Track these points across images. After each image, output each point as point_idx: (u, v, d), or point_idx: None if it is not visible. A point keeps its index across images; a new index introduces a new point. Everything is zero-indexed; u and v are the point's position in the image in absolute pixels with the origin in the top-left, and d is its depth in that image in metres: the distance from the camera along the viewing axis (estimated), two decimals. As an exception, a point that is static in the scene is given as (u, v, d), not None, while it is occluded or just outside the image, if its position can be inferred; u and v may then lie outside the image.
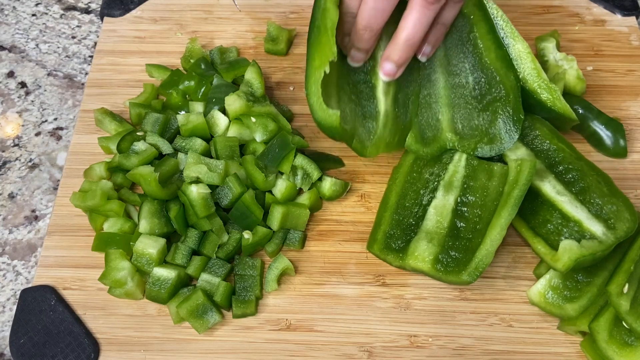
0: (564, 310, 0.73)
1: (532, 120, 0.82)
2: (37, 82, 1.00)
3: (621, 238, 0.72)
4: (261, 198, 0.82)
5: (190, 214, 0.79)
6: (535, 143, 0.82)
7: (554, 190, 0.78)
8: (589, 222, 0.74)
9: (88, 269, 0.81)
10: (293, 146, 0.81)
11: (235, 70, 0.90)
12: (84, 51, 1.03)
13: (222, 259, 0.79)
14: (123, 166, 0.82)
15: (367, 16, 0.74)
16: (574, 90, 0.87)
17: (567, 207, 0.76)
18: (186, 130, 0.83)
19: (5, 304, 0.83)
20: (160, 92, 0.93)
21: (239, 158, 0.83)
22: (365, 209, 0.85)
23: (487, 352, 0.75)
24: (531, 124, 0.82)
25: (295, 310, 0.78)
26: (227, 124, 0.85)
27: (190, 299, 0.75)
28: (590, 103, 0.88)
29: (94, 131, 0.91)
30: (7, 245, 0.87)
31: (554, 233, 0.76)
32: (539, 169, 0.79)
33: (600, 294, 0.73)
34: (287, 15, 1.02)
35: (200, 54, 0.95)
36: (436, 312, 0.78)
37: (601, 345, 0.70)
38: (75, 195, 0.81)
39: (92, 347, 0.76)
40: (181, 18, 1.02)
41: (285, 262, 0.79)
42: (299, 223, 0.81)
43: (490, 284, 0.79)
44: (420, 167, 0.83)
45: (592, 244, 0.71)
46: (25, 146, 0.94)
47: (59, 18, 1.07)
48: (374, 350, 0.76)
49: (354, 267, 0.81)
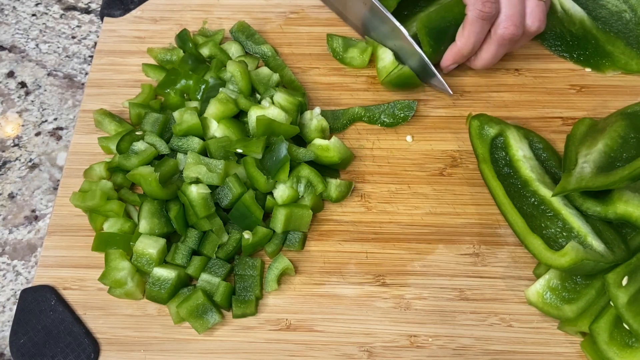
0: (562, 311, 0.73)
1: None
2: (37, 82, 1.00)
3: (619, 261, 0.72)
4: (261, 198, 0.82)
5: (190, 214, 0.79)
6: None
7: (562, 202, 0.78)
8: (593, 237, 0.74)
9: (88, 269, 0.81)
10: (288, 157, 0.79)
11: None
12: (84, 51, 1.03)
13: (222, 259, 0.79)
14: (123, 166, 0.82)
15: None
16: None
17: (574, 218, 0.76)
18: (180, 130, 0.83)
19: (5, 304, 0.83)
20: (158, 92, 0.93)
21: (234, 157, 0.83)
22: (366, 209, 0.85)
23: (487, 352, 0.75)
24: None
25: (295, 310, 0.78)
26: (217, 125, 0.84)
27: (190, 299, 0.75)
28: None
29: (94, 131, 0.91)
30: (7, 245, 0.87)
31: (551, 239, 0.76)
32: (547, 182, 0.80)
33: (599, 297, 0.73)
34: (287, 15, 1.02)
35: (219, 37, 0.95)
36: (436, 312, 0.78)
37: (601, 346, 0.70)
38: (75, 195, 0.81)
39: (92, 347, 0.76)
40: (181, 18, 1.02)
41: (285, 262, 0.79)
42: (301, 224, 0.81)
43: (490, 284, 0.79)
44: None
45: (595, 254, 0.72)
46: (25, 146, 0.94)
47: (59, 18, 1.07)
48: (374, 350, 0.76)
49: (354, 267, 0.81)
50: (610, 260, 0.71)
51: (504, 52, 0.88)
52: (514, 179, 0.82)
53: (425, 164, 0.88)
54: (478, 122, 0.85)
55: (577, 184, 0.75)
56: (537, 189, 0.80)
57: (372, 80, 0.95)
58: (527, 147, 0.83)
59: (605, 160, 0.77)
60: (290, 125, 0.82)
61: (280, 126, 0.81)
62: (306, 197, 0.82)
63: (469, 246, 0.82)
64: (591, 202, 0.76)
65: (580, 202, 0.77)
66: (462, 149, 0.88)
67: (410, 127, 0.90)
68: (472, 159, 0.88)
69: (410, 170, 0.87)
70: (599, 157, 0.77)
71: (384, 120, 0.89)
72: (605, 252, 0.72)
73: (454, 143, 0.89)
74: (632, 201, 0.72)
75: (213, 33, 0.98)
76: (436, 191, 0.85)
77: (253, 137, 0.83)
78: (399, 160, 0.88)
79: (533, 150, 0.84)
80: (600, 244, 0.73)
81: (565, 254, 0.70)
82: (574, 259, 0.69)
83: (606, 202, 0.75)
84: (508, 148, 0.83)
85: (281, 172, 0.79)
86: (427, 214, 0.84)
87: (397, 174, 0.87)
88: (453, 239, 0.82)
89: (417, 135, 0.89)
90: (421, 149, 0.89)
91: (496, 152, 0.84)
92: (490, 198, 0.83)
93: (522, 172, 0.81)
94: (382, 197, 0.85)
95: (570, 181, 0.76)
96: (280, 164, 0.79)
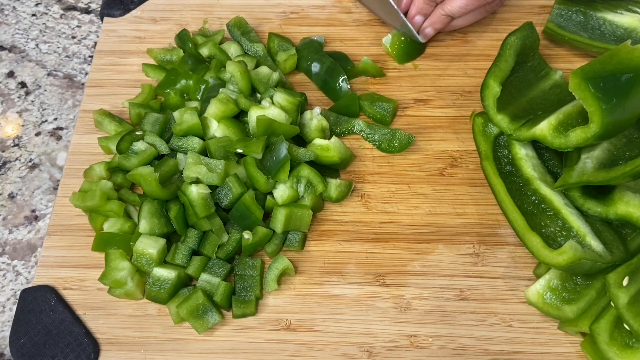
0: (562, 311, 0.73)
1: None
2: (37, 82, 1.00)
3: (617, 262, 0.72)
4: (261, 198, 0.82)
5: (190, 214, 0.79)
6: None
7: (562, 201, 0.78)
8: (591, 237, 0.74)
9: (88, 269, 0.81)
10: (288, 157, 0.79)
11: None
12: (84, 51, 1.03)
13: (222, 259, 0.79)
14: (123, 167, 0.82)
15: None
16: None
17: (574, 218, 0.76)
18: (180, 130, 0.83)
19: (5, 304, 0.83)
20: (158, 92, 0.93)
21: (234, 157, 0.83)
22: (366, 209, 0.85)
23: (487, 352, 0.75)
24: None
25: (295, 310, 0.78)
26: (217, 125, 0.84)
27: (190, 299, 0.75)
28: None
29: (94, 131, 0.91)
30: (7, 245, 0.87)
31: (550, 238, 0.76)
32: (549, 181, 0.81)
33: (599, 297, 0.73)
34: (287, 15, 1.02)
35: (219, 37, 0.95)
36: (436, 312, 0.78)
37: (602, 346, 0.69)
38: (75, 195, 0.81)
39: (92, 347, 0.76)
40: (181, 18, 1.02)
41: (285, 262, 0.79)
42: (302, 224, 0.81)
43: (490, 284, 0.79)
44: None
45: (593, 253, 0.72)
46: (25, 146, 0.94)
47: (59, 18, 1.07)
48: (374, 350, 0.76)
49: (354, 267, 0.81)
50: (608, 260, 0.71)
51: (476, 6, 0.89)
52: (515, 177, 0.82)
53: (425, 164, 0.88)
54: (482, 120, 0.85)
55: (578, 178, 0.75)
56: (538, 187, 0.80)
57: (372, 80, 0.94)
58: (530, 146, 0.83)
59: (608, 158, 0.77)
60: (290, 125, 0.82)
61: (280, 126, 0.81)
62: (306, 197, 0.82)
63: (469, 246, 0.82)
64: (592, 202, 0.76)
65: (581, 202, 0.77)
66: (462, 148, 0.88)
67: (410, 127, 0.90)
68: (472, 159, 0.88)
69: (410, 170, 0.87)
70: (601, 153, 0.77)
71: (380, 144, 0.89)
72: (604, 253, 0.72)
73: (454, 143, 0.89)
74: (632, 202, 0.72)
75: (213, 33, 0.98)
76: (436, 191, 0.85)
77: (253, 137, 0.83)
78: (399, 160, 0.88)
79: (535, 149, 0.84)
80: (598, 244, 0.73)
81: (563, 253, 0.70)
82: (572, 258, 0.69)
83: (607, 203, 0.75)
84: (511, 146, 0.83)
85: (281, 172, 0.79)
86: (427, 214, 0.84)
87: (397, 174, 0.87)
88: (453, 239, 0.82)
89: (417, 135, 0.89)
90: (421, 149, 0.89)
91: (499, 150, 0.84)
92: (490, 198, 0.83)
93: (523, 171, 0.81)
94: (382, 197, 0.85)
95: (572, 175, 0.76)
96: (280, 164, 0.79)
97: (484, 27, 0.98)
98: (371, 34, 0.98)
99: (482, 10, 0.90)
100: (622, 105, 0.68)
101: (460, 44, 0.97)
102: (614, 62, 0.68)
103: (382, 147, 0.88)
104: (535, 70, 0.89)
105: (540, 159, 0.83)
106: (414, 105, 0.92)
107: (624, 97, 0.67)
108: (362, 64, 0.93)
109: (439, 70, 0.95)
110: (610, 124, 0.68)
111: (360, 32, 0.98)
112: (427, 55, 0.96)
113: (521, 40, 0.85)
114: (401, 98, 0.93)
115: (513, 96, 0.85)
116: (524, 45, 0.86)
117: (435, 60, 0.96)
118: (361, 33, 0.98)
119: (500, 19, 0.99)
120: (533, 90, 0.87)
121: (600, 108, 0.68)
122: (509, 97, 0.84)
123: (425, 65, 0.95)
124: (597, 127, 0.69)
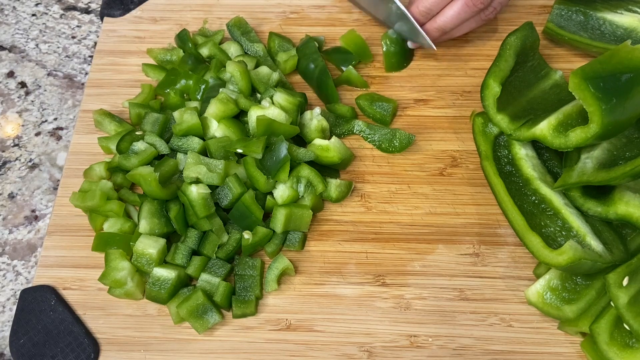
0: (562, 312, 0.73)
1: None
2: (37, 82, 1.00)
3: (617, 262, 0.72)
4: (261, 198, 0.82)
5: (190, 214, 0.79)
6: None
7: (562, 201, 0.78)
8: (591, 237, 0.74)
9: (88, 269, 0.81)
10: (288, 157, 0.79)
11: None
12: (84, 51, 1.03)
13: (222, 259, 0.79)
14: (123, 167, 0.82)
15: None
16: None
17: (574, 218, 0.76)
18: (180, 130, 0.83)
19: (5, 304, 0.83)
20: (158, 92, 0.93)
21: (234, 157, 0.83)
22: (366, 209, 0.85)
23: (487, 352, 0.75)
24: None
25: (295, 310, 0.78)
26: (217, 125, 0.84)
27: (190, 299, 0.75)
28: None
29: (94, 131, 0.91)
30: (7, 245, 0.87)
31: (550, 237, 0.76)
32: (549, 181, 0.81)
33: (599, 297, 0.73)
34: (287, 15, 1.02)
35: (218, 37, 0.95)
36: (436, 312, 0.78)
37: (602, 346, 0.69)
38: (75, 196, 0.81)
39: (92, 347, 0.76)
40: (181, 18, 1.02)
41: (285, 262, 0.79)
42: (302, 224, 0.81)
43: (490, 284, 0.79)
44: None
45: (593, 253, 0.72)
46: (25, 146, 0.94)
47: (59, 18, 1.07)
48: (374, 350, 0.76)
49: (354, 267, 0.81)
50: (608, 260, 0.71)
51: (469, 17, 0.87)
52: (515, 177, 0.82)
53: (425, 164, 0.88)
54: (482, 120, 0.85)
55: (578, 178, 0.75)
56: (538, 187, 0.80)
57: (372, 81, 0.95)
58: (530, 146, 0.83)
59: (608, 158, 0.77)
60: (290, 125, 0.82)
61: (280, 126, 0.81)
62: (306, 197, 0.82)
63: (469, 246, 0.82)
64: (592, 202, 0.76)
65: (581, 202, 0.77)
66: (462, 148, 0.88)
67: (410, 127, 0.90)
68: (472, 158, 0.88)
69: (410, 170, 0.87)
70: (601, 154, 0.77)
71: (380, 144, 0.89)
72: (604, 253, 0.72)
73: (454, 143, 0.89)
74: (632, 202, 0.72)
75: (213, 33, 0.98)
76: (436, 191, 0.85)
77: (253, 137, 0.83)
78: (399, 160, 0.88)
79: (535, 149, 0.84)
80: (598, 244, 0.73)
81: (563, 253, 0.70)
82: (572, 258, 0.69)
83: (607, 203, 0.75)
84: (511, 146, 0.83)
85: (281, 172, 0.79)
86: (427, 214, 0.84)
87: (397, 174, 0.87)
88: (453, 239, 0.82)
89: (417, 135, 0.89)
90: (421, 149, 0.89)
91: (499, 150, 0.84)
92: (490, 198, 0.83)
93: (523, 171, 0.82)
94: (382, 197, 0.85)
95: (572, 175, 0.76)
96: (280, 164, 0.79)
97: (484, 27, 0.98)
98: (371, 34, 0.98)
99: (477, 18, 0.89)
100: (622, 105, 0.68)
101: (460, 44, 0.97)
102: (614, 62, 0.68)
103: (382, 147, 0.88)
104: (535, 70, 0.89)
105: (540, 159, 0.83)
106: (414, 105, 0.92)
107: (624, 97, 0.67)
108: (346, 74, 0.92)
109: (439, 70, 0.95)
110: (610, 124, 0.68)
111: (360, 32, 0.98)
112: (427, 55, 0.96)
113: (521, 40, 0.85)
114: (401, 98, 0.93)
115: (513, 96, 0.85)
116: (524, 45, 0.86)
117: (435, 60, 0.96)
118: (361, 33, 0.98)
119: (500, 19, 0.99)
120: (533, 90, 0.87)
121: (600, 108, 0.68)
122: (509, 97, 0.84)
123: (425, 65, 0.95)
124: (597, 127, 0.69)
